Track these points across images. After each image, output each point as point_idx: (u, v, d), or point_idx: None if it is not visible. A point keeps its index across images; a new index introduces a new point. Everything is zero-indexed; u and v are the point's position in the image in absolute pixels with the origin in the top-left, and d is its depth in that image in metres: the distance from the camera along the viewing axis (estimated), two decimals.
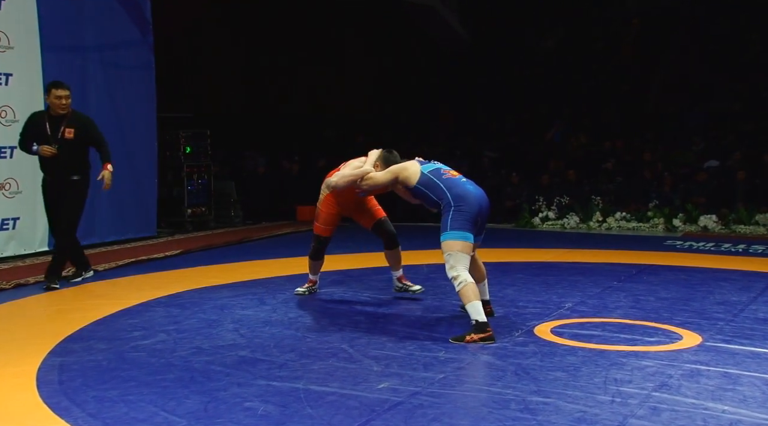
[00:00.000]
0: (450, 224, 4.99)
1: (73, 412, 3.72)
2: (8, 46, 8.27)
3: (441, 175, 5.23)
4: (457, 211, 5.01)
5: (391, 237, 6.20)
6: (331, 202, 6.17)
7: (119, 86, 9.62)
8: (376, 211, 6.25)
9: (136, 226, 9.92)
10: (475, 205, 5.05)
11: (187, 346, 4.87)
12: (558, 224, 11.29)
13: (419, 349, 4.71)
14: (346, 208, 6.20)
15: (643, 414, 3.60)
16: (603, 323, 5.34)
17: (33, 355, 4.68)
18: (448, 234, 4.99)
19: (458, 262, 4.94)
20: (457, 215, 4.99)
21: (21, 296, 6.60)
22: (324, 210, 6.20)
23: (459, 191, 5.09)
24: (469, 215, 5.01)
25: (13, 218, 8.43)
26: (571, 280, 6.85)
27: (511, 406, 3.71)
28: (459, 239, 4.96)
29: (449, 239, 4.98)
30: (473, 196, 5.08)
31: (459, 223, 4.98)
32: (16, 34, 8.33)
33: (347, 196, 6.03)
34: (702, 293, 6.39)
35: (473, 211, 5.02)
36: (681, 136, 13.59)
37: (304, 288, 6.47)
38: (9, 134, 8.27)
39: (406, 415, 3.59)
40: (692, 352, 4.66)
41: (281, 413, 3.64)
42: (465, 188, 5.13)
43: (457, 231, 4.97)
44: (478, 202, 5.08)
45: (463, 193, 5.08)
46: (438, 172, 5.26)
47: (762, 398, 3.84)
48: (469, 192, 5.10)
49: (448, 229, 4.99)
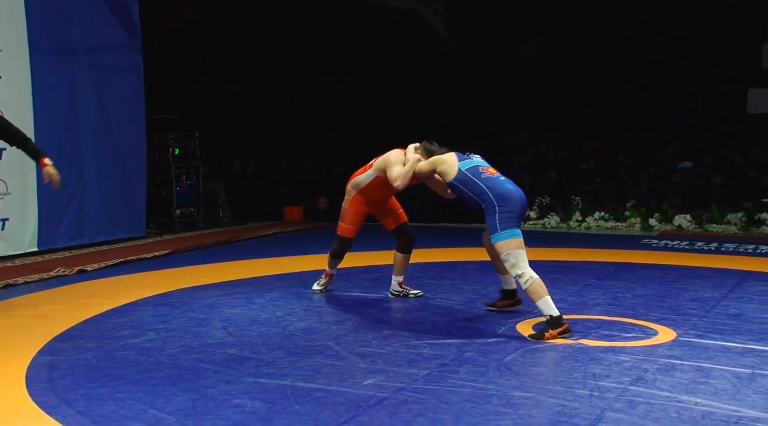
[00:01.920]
0: (499, 225, 4.99)
1: (63, 410, 3.70)
2: None
3: (480, 173, 5.19)
4: (502, 212, 5.01)
5: (409, 241, 6.17)
6: (360, 202, 6.08)
7: (108, 88, 9.56)
8: (401, 214, 6.21)
9: (125, 227, 9.88)
10: (518, 203, 5.08)
11: (176, 344, 4.86)
12: (539, 224, 11.34)
13: (404, 347, 4.72)
14: (375, 207, 6.14)
15: (620, 407, 3.63)
16: (582, 320, 5.36)
17: (22, 354, 4.65)
18: (500, 235, 4.99)
19: (519, 260, 4.96)
20: (504, 216, 5.00)
21: (10, 296, 6.56)
22: (352, 210, 6.12)
23: (501, 191, 5.09)
24: (514, 214, 5.04)
25: (2, 219, 8.36)
26: (552, 278, 6.86)
27: (493, 400, 3.73)
28: (512, 237, 4.98)
29: (503, 239, 4.98)
30: (515, 195, 5.10)
31: (507, 223, 4.99)
32: (4, 37, 8.26)
33: (378, 197, 6.02)
34: (676, 290, 6.44)
35: (516, 209, 5.06)
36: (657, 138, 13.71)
37: (320, 286, 6.40)
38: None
39: (391, 411, 3.60)
40: (667, 347, 4.70)
41: (269, 410, 3.64)
42: (506, 187, 5.13)
43: (507, 230, 4.98)
44: (521, 200, 5.11)
45: (504, 193, 5.08)
46: (476, 169, 5.22)
47: (732, 391, 3.88)
48: (511, 191, 5.11)
49: (499, 230, 4.99)
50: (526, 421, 3.46)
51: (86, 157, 9.33)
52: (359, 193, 6.07)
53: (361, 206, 6.11)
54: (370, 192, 6.01)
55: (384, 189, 5.96)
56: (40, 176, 8.62)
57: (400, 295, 6.23)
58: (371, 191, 6.01)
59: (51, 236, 8.88)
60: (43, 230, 8.77)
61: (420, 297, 6.22)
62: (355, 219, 6.13)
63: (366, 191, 6.03)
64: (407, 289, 6.26)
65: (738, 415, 3.54)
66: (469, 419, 3.49)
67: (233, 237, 10.34)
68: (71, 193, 9.12)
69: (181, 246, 9.41)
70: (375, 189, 5.99)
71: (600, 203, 11.45)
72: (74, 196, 9.17)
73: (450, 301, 6.10)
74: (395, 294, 6.26)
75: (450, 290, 6.35)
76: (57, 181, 5.77)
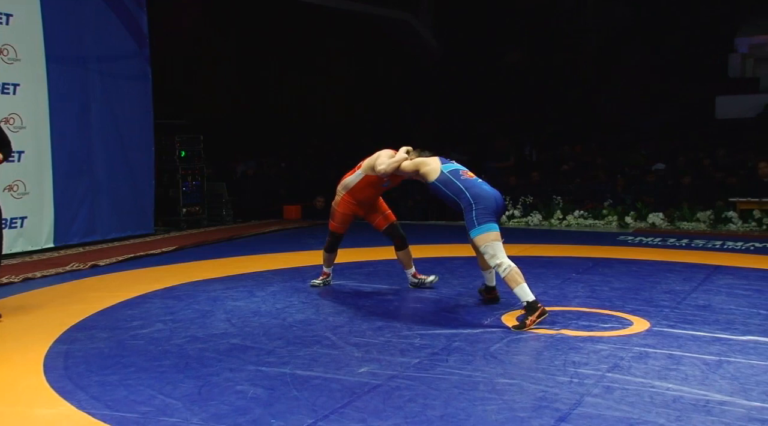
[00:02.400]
0: (476, 220, 5.05)
1: (78, 395, 3.71)
2: (16, 58, 8.24)
3: (459, 175, 5.28)
4: (478, 209, 5.07)
5: (401, 239, 6.20)
6: (348, 203, 6.09)
7: (118, 95, 9.55)
8: (389, 215, 6.23)
9: (134, 225, 9.88)
10: (492, 202, 5.13)
11: (183, 334, 4.86)
12: (523, 221, 11.35)
13: (396, 337, 4.73)
14: (364, 208, 6.15)
15: (598, 393, 3.65)
16: (563, 311, 5.38)
17: (40, 343, 4.66)
18: (478, 229, 5.04)
19: (497, 251, 5.00)
20: (480, 212, 5.06)
21: (29, 289, 6.55)
22: (340, 210, 6.13)
23: (477, 191, 5.16)
24: (489, 210, 5.09)
25: (21, 217, 8.39)
26: (535, 273, 6.89)
27: (479, 387, 3.75)
28: (489, 231, 5.03)
29: (481, 233, 5.04)
30: (490, 194, 5.17)
31: (484, 218, 5.05)
32: (23, 47, 8.30)
33: (367, 197, 6.03)
34: (650, 283, 6.45)
35: (491, 207, 5.11)
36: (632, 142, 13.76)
37: (319, 280, 6.41)
38: (17, 140, 8.16)
39: (384, 397, 3.61)
40: (641, 336, 4.72)
41: (269, 396, 3.65)
42: (482, 188, 5.21)
43: (484, 225, 5.04)
44: (495, 199, 5.17)
45: (480, 192, 5.15)
46: (457, 172, 5.32)
47: (701, 377, 3.90)
48: (486, 191, 5.18)
49: (476, 225, 5.05)
50: (510, 406, 3.48)
51: (98, 160, 9.33)
52: (348, 194, 6.08)
53: (349, 207, 6.11)
54: (359, 192, 6.02)
55: (372, 188, 5.98)
56: (56, 177, 8.69)
57: (417, 285, 6.29)
58: (360, 191, 6.02)
59: (66, 233, 8.91)
60: (59, 228, 8.80)
61: (434, 283, 6.25)
62: (343, 219, 6.17)
63: (355, 191, 6.03)
64: (422, 279, 6.31)
65: (706, 399, 3.57)
66: (457, 404, 3.51)
67: (235, 234, 10.33)
68: (84, 193, 9.15)
69: (187, 242, 9.40)
70: (363, 189, 5.99)
71: (579, 202, 11.46)
72: (87, 196, 9.20)
73: (439, 294, 6.11)
74: (414, 284, 6.32)
75: (439, 284, 6.35)
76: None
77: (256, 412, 3.43)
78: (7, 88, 8.19)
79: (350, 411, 3.42)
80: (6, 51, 8.13)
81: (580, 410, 3.41)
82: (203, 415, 3.41)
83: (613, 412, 3.38)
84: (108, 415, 3.43)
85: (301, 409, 3.46)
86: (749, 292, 6.06)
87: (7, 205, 8.10)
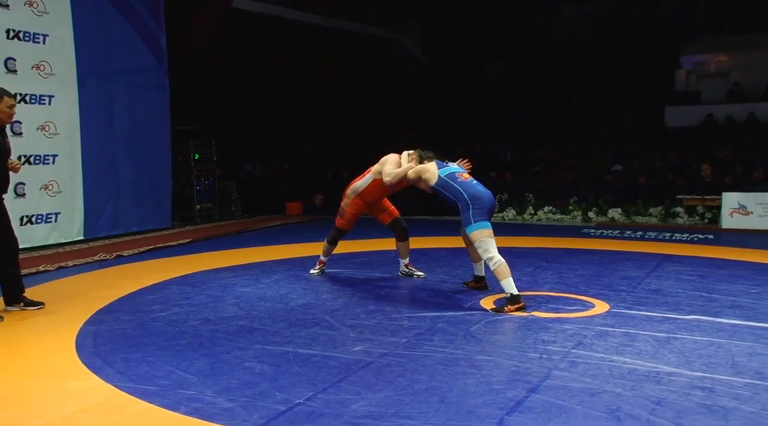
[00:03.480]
0: (473, 218, 5.05)
1: (106, 370, 3.71)
2: (51, 73, 8.28)
3: (456, 178, 5.28)
4: (474, 208, 5.07)
5: (404, 231, 6.20)
6: (358, 204, 6.07)
7: (140, 105, 9.53)
8: (393, 211, 6.23)
9: (154, 219, 9.84)
10: (486, 202, 5.13)
11: (197, 317, 4.85)
12: (499, 216, 11.37)
13: (387, 319, 4.74)
14: (371, 207, 6.13)
15: (564, 367, 3.67)
16: (534, 295, 5.39)
17: (72, 324, 4.66)
18: (474, 226, 5.05)
19: (489, 246, 5.01)
20: (476, 211, 5.06)
21: (62, 276, 6.54)
22: (350, 211, 6.11)
23: (473, 192, 5.15)
24: (484, 210, 5.09)
25: (55, 213, 8.41)
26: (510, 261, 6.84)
27: (460, 363, 3.76)
28: (483, 228, 5.03)
29: (476, 230, 5.04)
30: (484, 195, 5.16)
31: (479, 217, 5.05)
32: (57, 63, 8.34)
33: (375, 199, 6.01)
34: (610, 270, 6.49)
35: (486, 206, 5.11)
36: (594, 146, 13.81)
37: (317, 269, 6.39)
38: (52, 145, 8.33)
39: (376, 372, 3.61)
40: (602, 317, 4.75)
41: (274, 371, 3.65)
42: (477, 189, 5.19)
43: (479, 222, 5.04)
44: (489, 199, 5.16)
45: (476, 193, 5.14)
46: (453, 175, 5.30)
47: (652, 351, 3.93)
48: (481, 192, 5.17)
49: (472, 223, 5.05)
50: (487, 379, 3.49)
51: (122, 162, 9.31)
52: (358, 197, 6.06)
53: (358, 209, 6.10)
54: (368, 195, 6.01)
55: (379, 190, 5.97)
56: (86, 177, 8.67)
57: (407, 275, 6.26)
58: (369, 194, 6.01)
59: (94, 227, 8.91)
60: (88, 222, 8.81)
61: (421, 278, 6.19)
62: (351, 219, 6.17)
63: (364, 194, 6.02)
64: (413, 270, 6.29)
65: (656, 370, 3.60)
66: (440, 378, 3.51)
67: (243, 228, 10.30)
68: (110, 192, 9.15)
69: (200, 236, 9.37)
70: (372, 191, 5.98)
71: (549, 199, 11.50)
72: (112, 195, 9.19)
73: (425, 281, 6.12)
74: (403, 273, 6.29)
75: (424, 272, 6.36)
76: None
77: (262, 386, 3.42)
78: (43, 99, 8.21)
79: (346, 385, 3.43)
80: (43, 67, 8.16)
81: (549, 382, 3.43)
82: (215, 388, 3.41)
83: (577, 384, 3.40)
84: (132, 387, 3.42)
85: (302, 383, 3.46)
86: (693, 277, 6.11)
87: (43, 202, 8.23)
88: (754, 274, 6.27)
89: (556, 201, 11.39)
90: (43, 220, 8.26)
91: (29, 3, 7.99)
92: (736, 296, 5.31)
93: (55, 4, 8.27)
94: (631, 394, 3.27)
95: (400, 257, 6.34)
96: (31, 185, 8.09)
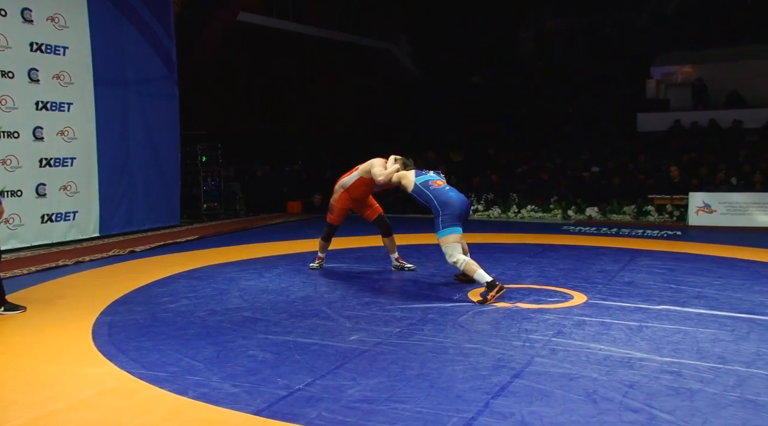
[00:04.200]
0: (441, 224, 5.06)
1: (120, 357, 3.70)
2: (70, 82, 8.26)
3: (429, 186, 5.27)
4: (444, 214, 5.06)
5: (387, 228, 6.19)
6: (345, 199, 6.07)
7: (151, 111, 9.49)
8: (377, 208, 6.23)
9: (164, 217, 9.79)
10: (456, 207, 5.10)
11: (204, 308, 4.83)
12: (485, 214, 11.38)
13: (381, 310, 4.73)
14: (357, 203, 6.12)
15: (545, 354, 3.67)
16: (518, 288, 5.40)
17: (89, 314, 4.64)
18: (442, 232, 5.06)
19: (454, 250, 5.02)
20: (445, 217, 5.06)
21: (80, 270, 6.51)
22: (338, 206, 6.10)
23: (444, 198, 5.14)
24: (454, 215, 5.07)
25: (73, 211, 8.39)
26: (495, 257, 6.92)
27: (449, 351, 3.75)
28: (450, 234, 5.04)
29: (443, 235, 5.05)
30: (455, 201, 5.14)
31: (448, 223, 5.04)
32: (75, 73, 8.32)
33: (360, 195, 6.00)
34: (587, 264, 6.50)
35: (455, 212, 5.08)
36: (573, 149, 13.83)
37: (316, 264, 6.36)
38: (70, 148, 8.31)
39: (371, 360, 3.61)
40: (580, 307, 4.75)
41: (276, 359, 3.64)
42: (448, 195, 5.17)
43: (447, 228, 5.04)
44: (459, 205, 5.14)
45: (447, 200, 5.12)
46: (427, 183, 5.31)
47: (626, 339, 3.95)
48: (452, 198, 5.15)
49: (441, 228, 5.06)
50: (474, 366, 3.49)
51: (134, 164, 9.27)
52: (345, 191, 6.06)
53: (345, 203, 6.10)
54: (354, 190, 6.00)
55: (365, 187, 5.98)
56: (102, 178, 8.63)
57: (399, 268, 6.25)
58: (355, 190, 6.00)
59: (109, 225, 8.87)
60: (103, 220, 8.77)
61: (412, 270, 6.17)
62: (341, 213, 6.16)
63: (351, 189, 6.02)
64: (403, 263, 6.28)
65: (629, 356, 3.61)
66: (431, 365, 3.51)
67: (247, 225, 10.26)
68: (123, 192, 9.12)
69: (207, 232, 9.33)
70: (358, 187, 5.98)
71: (531, 198, 11.52)
72: (125, 194, 9.15)
73: (416, 275, 6.11)
74: (396, 267, 6.28)
75: (416, 266, 6.35)
76: None
77: (264, 373, 3.41)
78: (62, 106, 8.18)
79: (343, 371, 3.42)
80: (63, 76, 8.15)
81: (531, 368, 3.43)
82: (221, 374, 3.39)
83: (557, 369, 3.41)
84: (144, 374, 3.41)
85: (302, 370, 3.45)
86: (663, 270, 6.12)
87: (62, 201, 8.24)
88: (718, 267, 6.30)
89: (538, 200, 11.41)
90: (62, 218, 8.23)
91: (51, 18, 7.99)
92: (701, 288, 5.33)
93: (75, 19, 8.27)
94: (606, 378, 3.28)
95: (389, 253, 6.33)
96: (52, 186, 8.08)
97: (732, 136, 13.17)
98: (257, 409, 2.93)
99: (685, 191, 10.20)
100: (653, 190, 10.84)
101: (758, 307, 4.67)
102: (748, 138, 12.97)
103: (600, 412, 2.87)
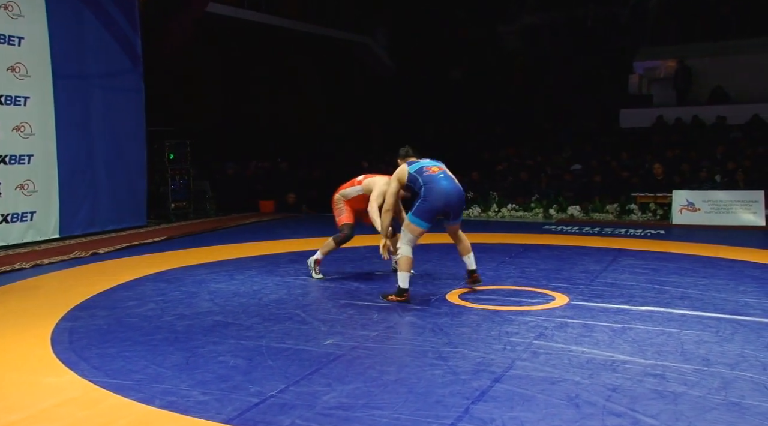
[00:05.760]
0: (414, 209, 4.99)
1: (81, 365, 3.62)
2: (26, 74, 8.09)
3: (423, 172, 5.10)
4: (423, 201, 4.96)
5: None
6: (348, 207, 6.05)
7: (115, 106, 9.36)
8: None
9: (130, 217, 9.67)
10: (441, 198, 4.93)
11: (172, 312, 4.77)
12: (465, 214, 11.34)
13: (357, 313, 4.71)
14: (358, 213, 6.09)
15: (527, 357, 3.69)
16: (498, 289, 5.42)
17: (48, 321, 4.54)
18: (411, 217, 4.99)
19: (408, 240, 4.97)
20: (422, 205, 4.96)
21: (38, 274, 6.38)
22: (347, 208, 6.03)
23: (431, 186, 4.96)
24: (432, 206, 4.93)
25: (31, 212, 8.22)
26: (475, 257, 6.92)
27: (428, 355, 3.75)
28: (413, 223, 4.97)
29: (410, 222, 4.99)
30: (442, 190, 4.95)
31: (419, 212, 4.95)
32: (32, 65, 8.14)
33: (362, 206, 5.97)
34: (569, 265, 6.54)
35: (436, 204, 4.94)
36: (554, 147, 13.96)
37: (318, 272, 6.14)
38: (27, 145, 8.13)
39: (347, 365, 3.59)
40: (562, 309, 4.78)
41: (248, 365, 3.60)
42: (438, 184, 4.98)
43: (416, 217, 4.96)
44: (445, 195, 4.94)
45: (433, 188, 4.95)
46: (421, 169, 5.12)
47: (609, 341, 3.98)
48: (440, 187, 4.95)
49: (411, 213, 5.00)
50: (453, 370, 3.49)
51: (98, 161, 9.14)
52: (347, 202, 6.05)
53: (350, 211, 6.05)
54: (356, 203, 6.02)
55: (365, 202, 5.93)
56: (62, 176, 8.47)
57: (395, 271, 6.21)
58: (356, 203, 6.02)
59: (70, 225, 8.72)
60: (64, 220, 8.62)
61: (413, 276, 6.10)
62: (350, 214, 6.05)
63: (352, 202, 6.02)
64: None
65: (612, 359, 3.64)
66: (409, 370, 3.50)
67: (218, 226, 10.17)
68: (86, 191, 8.97)
69: (176, 233, 9.22)
70: (359, 201, 5.98)
71: (511, 197, 11.59)
72: (88, 193, 9.01)
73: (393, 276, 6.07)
74: (395, 269, 6.20)
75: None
76: None
77: (236, 379, 3.38)
78: (18, 100, 8.01)
79: (318, 377, 3.39)
80: (18, 68, 7.97)
81: (512, 372, 3.44)
82: (190, 381, 3.35)
83: (538, 373, 3.43)
84: (108, 382, 3.35)
85: (275, 376, 3.42)
86: (647, 270, 6.20)
87: (19, 201, 8.04)
88: (702, 266, 6.40)
89: (519, 199, 11.48)
90: (18, 219, 8.06)
91: (4, 6, 7.80)
92: (685, 288, 5.41)
93: (31, 7, 8.09)
94: (589, 382, 3.30)
95: (392, 254, 6.24)
96: (7, 185, 7.90)
97: (715, 133, 13.43)
98: (228, 418, 2.90)
99: (668, 189, 10.36)
100: (636, 189, 10.99)
101: (742, 308, 4.75)
102: (732, 134, 13.23)
103: (583, 417, 2.89)
